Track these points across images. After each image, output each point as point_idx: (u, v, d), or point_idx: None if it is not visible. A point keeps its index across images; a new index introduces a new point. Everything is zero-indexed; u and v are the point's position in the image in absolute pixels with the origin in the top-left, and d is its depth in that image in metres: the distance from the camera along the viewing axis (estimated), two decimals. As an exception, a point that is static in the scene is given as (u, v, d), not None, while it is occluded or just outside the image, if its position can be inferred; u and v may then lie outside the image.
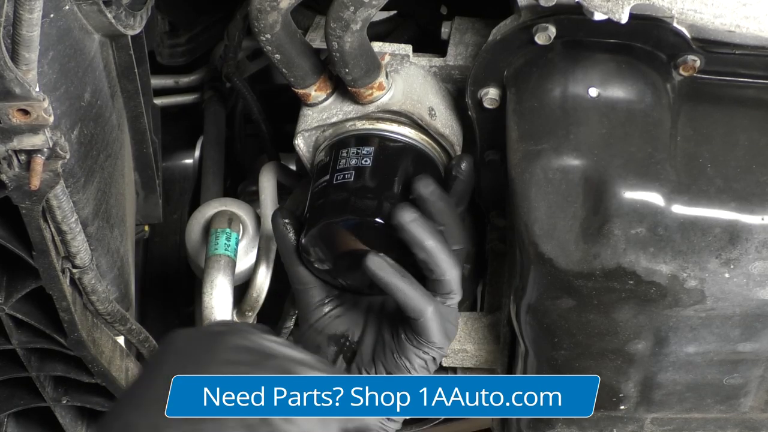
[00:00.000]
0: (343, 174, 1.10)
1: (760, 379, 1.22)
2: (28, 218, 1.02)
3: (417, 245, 1.01)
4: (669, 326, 1.11)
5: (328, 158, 1.14)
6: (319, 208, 1.09)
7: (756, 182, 1.03)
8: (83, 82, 1.09)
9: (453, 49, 1.22)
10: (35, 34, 0.87)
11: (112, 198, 1.22)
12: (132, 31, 1.14)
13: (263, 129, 1.59)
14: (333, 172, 1.11)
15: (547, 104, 1.06)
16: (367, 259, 1.03)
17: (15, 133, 0.92)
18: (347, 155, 1.12)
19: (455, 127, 1.20)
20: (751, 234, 1.03)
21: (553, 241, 1.05)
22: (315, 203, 1.11)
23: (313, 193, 1.12)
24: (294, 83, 1.14)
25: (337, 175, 1.10)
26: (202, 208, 1.49)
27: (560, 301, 1.10)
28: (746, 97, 1.08)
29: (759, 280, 1.05)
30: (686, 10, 1.00)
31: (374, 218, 1.07)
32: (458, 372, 1.43)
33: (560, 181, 1.03)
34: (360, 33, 1.06)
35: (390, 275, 1.02)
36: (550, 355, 1.18)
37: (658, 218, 1.02)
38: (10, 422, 1.43)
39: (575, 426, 1.30)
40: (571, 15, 1.05)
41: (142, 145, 1.38)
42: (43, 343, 1.23)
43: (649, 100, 1.05)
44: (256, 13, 1.05)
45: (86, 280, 1.16)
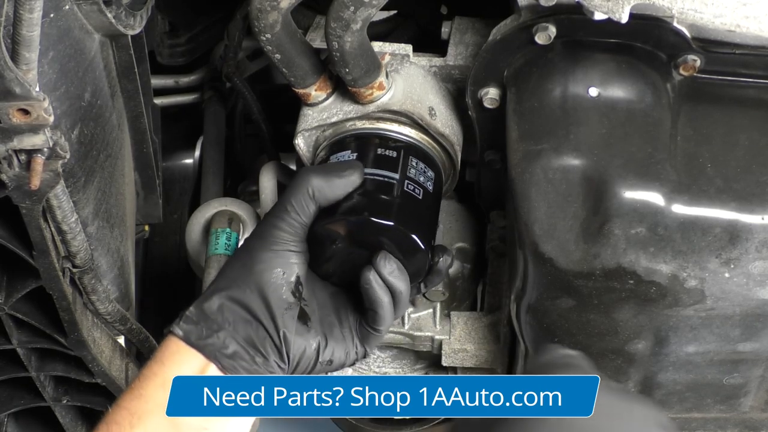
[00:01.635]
0: (413, 187, 1.12)
1: (760, 379, 1.22)
2: (29, 218, 1.02)
3: (374, 303, 1.08)
4: (669, 326, 1.11)
5: (396, 155, 1.15)
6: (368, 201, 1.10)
7: (756, 182, 1.03)
8: (83, 82, 1.09)
9: (453, 49, 1.22)
10: (35, 33, 0.87)
11: (112, 198, 1.22)
12: (132, 31, 1.14)
13: (263, 129, 1.59)
14: (404, 179, 1.13)
15: (547, 104, 1.06)
16: (372, 265, 1.07)
17: (15, 132, 0.92)
18: (416, 169, 1.14)
19: (455, 126, 1.20)
20: (751, 234, 1.03)
21: (553, 241, 1.05)
22: (371, 194, 1.11)
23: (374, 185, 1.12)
24: (294, 83, 1.14)
25: (408, 183, 1.12)
26: (202, 208, 1.49)
27: (560, 300, 1.10)
28: (746, 97, 1.08)
29: (759, 279, 1.05)
30: (686, 9, 1.00)
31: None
32: (458, 372, 1.43)
33: (560, 181, 1.03)
34: (360, 33, 1.06)
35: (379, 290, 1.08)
36: (550, 354, 1.18)
37: (658, 218, 1.02)
38: (10, 422, 1.43)
39: (575, 426, 1.30)
40: (571, 15, 1.05)
41: (142, 145, 1.38)
42: (43, 343, 1.23)
43: (649, 99, 1.05)
44: (257, 12, 1.05)
45: (86, 280, 1.16)
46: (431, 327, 1.35)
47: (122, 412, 0.99)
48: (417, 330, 1.35)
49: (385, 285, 1.08)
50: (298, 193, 1.07)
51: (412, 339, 1.36)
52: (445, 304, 1.35)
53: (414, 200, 1.12)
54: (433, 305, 1.35)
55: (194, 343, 1.02)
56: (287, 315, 1.05)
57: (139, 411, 0.98)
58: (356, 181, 1.09)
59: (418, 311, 1.35)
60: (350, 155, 1.14)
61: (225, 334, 1.02)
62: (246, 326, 1.03)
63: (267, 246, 1.06)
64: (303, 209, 1.06)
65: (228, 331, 1.02)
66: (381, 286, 1.08)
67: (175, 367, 1.01)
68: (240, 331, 1.03)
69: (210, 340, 1.02)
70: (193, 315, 1.03)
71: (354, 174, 1.09)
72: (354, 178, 1.09)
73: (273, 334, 1.04)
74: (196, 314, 1.03)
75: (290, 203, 1.06)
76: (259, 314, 1.03)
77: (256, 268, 1.05)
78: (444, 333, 1.34)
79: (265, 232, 1.07)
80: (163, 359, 1.02)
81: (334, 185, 1.08)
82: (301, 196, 1.06)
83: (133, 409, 0.99)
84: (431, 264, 1.13)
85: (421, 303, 1.35)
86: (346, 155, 1.14)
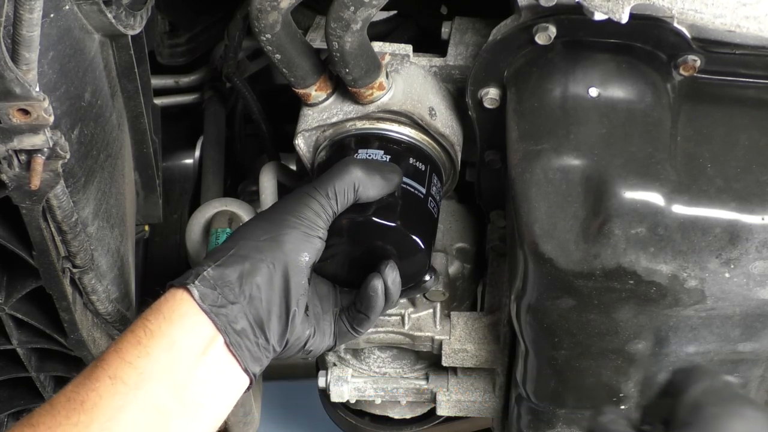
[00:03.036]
0: (414, 187, 1.13)
1: (760, 379, 1.21)
2: (29, 218, 1.02)
3: (370, 309, 1.10)
4: (669, 326, 1.11)
5: (424, 166, 1.15)
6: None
7: (756, 182, 1.03)
8: (83, 82, 1.09)
9: (453, 49, 1.22)
10: (35, 34, 0.87)
11: (112, 198, 1.22)
12: (132, 31, 1.14)
13: (263, 129, 1.59)
14: (428, 191, 1.14)
15: (547, 104, 1.06)
16: (379, 273, 1.08)
17: (15, 133, 0.92)
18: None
19: (455, 127, 1.20)
20: (751, 234, 1.03)
21: (553, 241, 1.05)
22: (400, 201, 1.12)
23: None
24: (294, 83, 1.14)
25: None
26: (202, 208, 1.49)
27: (560, 301, 1.10)
28: (746, 97, 1.08)
29: (759, 280, 1.05)
30: (686, 10, 1.00)
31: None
32: (458, 372, 1.43)
33: (560, 181, 1.03)
34: (360, 33, 1.06)
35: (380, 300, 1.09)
36: (550, 355, 1.18)
37: (659, 218, 1.02)
38: (10, 422, 1.43)
39: (575, 426, 1.30)
40: (571, 15, 1.05)
41: (142, 145, 1.38)
42: (44, 343, 1.23)
43: (649, 100, 1.05)
44: (257, 13, 1.05)
45: (86, 280, 1.16)
46: (431, 327, 1.35)
47: (127, 368, 0.95)
48: (417, 330, 1.35)
49: (385, 293, 1.08)
50: (343, 182, 1.05)
51: (412, 339, 1.36)
52: (445, 304, 1.35)
53: (416, 201, 1.12)
54: (433, 305, 1.35)
55: (208, 310, 0.98)
56: (300, 301, 1.04)
57: (146, 371, 0.95)
58: (394, 185, 1.09)
59: (418, 311, 1.35)
60: (383, 156, 1.14)
61: (239, 308, 0.99)
62: (260, 305, 1.01)
63: (300, 226, 1.03)
64: (343, 199, 1.05)
65: (242, 306, 1.00)
66: (382, 295, 1.08)
67: (184, 331, 0.98)
68: (253, 308, 1.00)
69: (224, 311, 0.99)
70: (211, 278, 0.99)
71: (395, 179, 1.09)
72: (394, 182, 1.09)
73: (283, 319, 1.02)
74: (215, 277, 0.99)
75: (333, 189, 1.05)
76: (277, 296, 1.01)
77: (287, 247, 1.02)
78: (444, 333, 1.34)
79: (299, 210, 1.04)
80: (172, 317, 0.98)
81: (376, 185, 1.07)
82: (345, 186, 1.05)
83: (140, 368, 0.95)
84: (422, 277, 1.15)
85: (421, 303, 1.35)
86: (379, 154, 1.14)
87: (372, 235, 1.09)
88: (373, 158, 1.14)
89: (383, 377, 1.46)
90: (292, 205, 1.05)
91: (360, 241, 1.10)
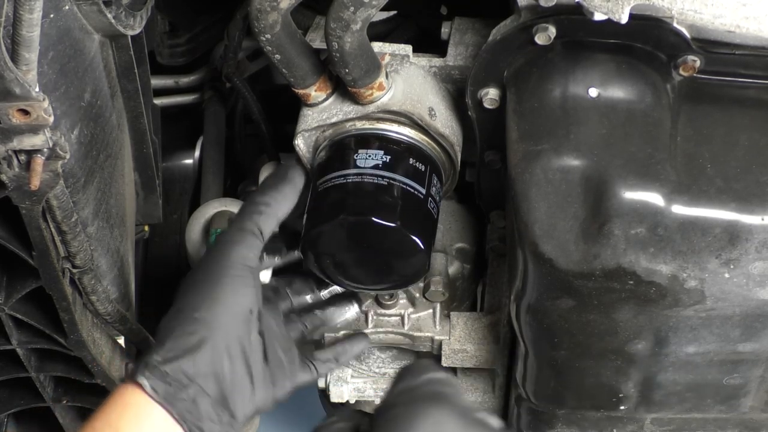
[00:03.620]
0: (414, 188, 1.14)
1: (760, 379, 1.22)
2: (28, 218, 1.02)
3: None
4: (669, 326, 1.11)
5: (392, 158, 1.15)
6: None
7: (756, 182, 1.03)
8: (83, 82, 1.09)
9: (453, 49, 1.22)
10: (35, 34, 0.87)
11: (112, 198, 1.22)
12: (132, 31, 1.14)
13: (263, 129, 1.59)
14: (428, 191, 1.15)
15: (547, 104, 1.06)
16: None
17: (15, 133, 0.92)
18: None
19: (455, 127, 1.20)
20: (751, 234, 1.03)
21: (553, 241, 1.05)
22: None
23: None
24: (294, 83, 1.14)
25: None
26: (202, 208, 1.49)
27: (560, 301, 1.10)
28: (746, 97, 1.08)
29: (759, 280, 1.05)
30: (686, 10, 1.00)
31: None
32: (458, 372, 1.43)
33: (560, 181, 1.03)
34: (360, 33, 1.06)
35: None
36: (550, 355, 1.18)
37: (658, 218, 1.02)
38: (10, 422, 1.43)
39: (575, 426, 1.30)
40: (571, 15, 1.05)
41: (142, 145, 1.38)
42: (43, 343, 1.23)
43: (649, 100, 1.05)
44: (256, 13, 1.05)
45: (86, 280, 1.16)
46: (431, 327, 1.35)
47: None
48: (417, 330, 1.35)
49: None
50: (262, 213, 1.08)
51: (412, 339, 1.36)
52: (445, 304, 1.35)
53: (416, 201, 1.12)
54: (433, 306, 1.35)
55: (162, 402, 0.94)
56: (255, 359, 1.01)
57: None
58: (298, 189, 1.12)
59: (417, 312, 1.35)
60: (383, 156, 1.15)
61: (195, 391, 0.95)
62: (219, 383, 0.97)
63: (234, 275, 1.02)
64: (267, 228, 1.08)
65: (197, 389, 0.95)
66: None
67: (137, 424, 0.94)
68: (211, 388, 0.96)
69: (181, 395, 0.94)
70: (159, 365, 0.95)
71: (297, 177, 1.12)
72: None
73: (246, 385, 0.99)
74: (162, 363, 0.96)
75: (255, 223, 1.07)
76: (236, 366, 0.98)
77: (228, 309, 1.00)
78: (444, 333, 1.34)
79: (229, 255, 1.04)
80: (123, 412, 0.95)
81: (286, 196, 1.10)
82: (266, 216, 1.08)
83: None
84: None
85: (421, 303, 1.35)
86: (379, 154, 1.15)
87: (372, 235, 1.09)
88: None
89: (383, 377, 1.46)
90: (223, 250, 1.04)
91: (360, 240, 1.10)
